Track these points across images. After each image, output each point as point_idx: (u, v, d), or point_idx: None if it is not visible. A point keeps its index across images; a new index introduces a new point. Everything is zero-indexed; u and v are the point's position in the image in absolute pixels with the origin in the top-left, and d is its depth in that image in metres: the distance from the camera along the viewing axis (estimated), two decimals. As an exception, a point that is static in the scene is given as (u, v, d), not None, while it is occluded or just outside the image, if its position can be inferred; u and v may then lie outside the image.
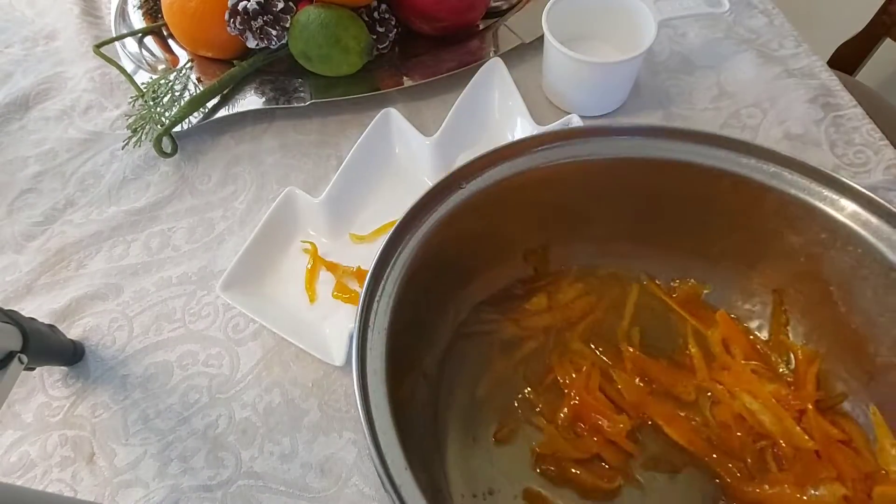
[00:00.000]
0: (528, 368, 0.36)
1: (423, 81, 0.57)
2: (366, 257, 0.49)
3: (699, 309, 0.37)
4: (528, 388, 0.35)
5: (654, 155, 0.33)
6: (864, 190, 0.30)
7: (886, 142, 0.50)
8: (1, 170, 0.60)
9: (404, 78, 0.58)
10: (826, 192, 0.31)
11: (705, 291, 0.37)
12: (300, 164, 0.56)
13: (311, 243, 0.49)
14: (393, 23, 0.58)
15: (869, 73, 0.86)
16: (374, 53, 0.57)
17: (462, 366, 0.36)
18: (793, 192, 0.31)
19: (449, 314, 0.36)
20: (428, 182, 0.52)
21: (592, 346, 0.36)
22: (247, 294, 0.47)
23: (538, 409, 0.35)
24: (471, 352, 0.36)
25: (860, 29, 0.83)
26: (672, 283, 0.38)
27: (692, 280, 0.37)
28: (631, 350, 0.36)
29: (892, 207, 0.29)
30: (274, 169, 0.56)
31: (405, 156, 0.54)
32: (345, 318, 0.46)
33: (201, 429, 0.44)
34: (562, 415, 0.34)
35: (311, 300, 0.48)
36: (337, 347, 0.44)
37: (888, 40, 0.82)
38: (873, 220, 0.29)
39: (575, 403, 0.34)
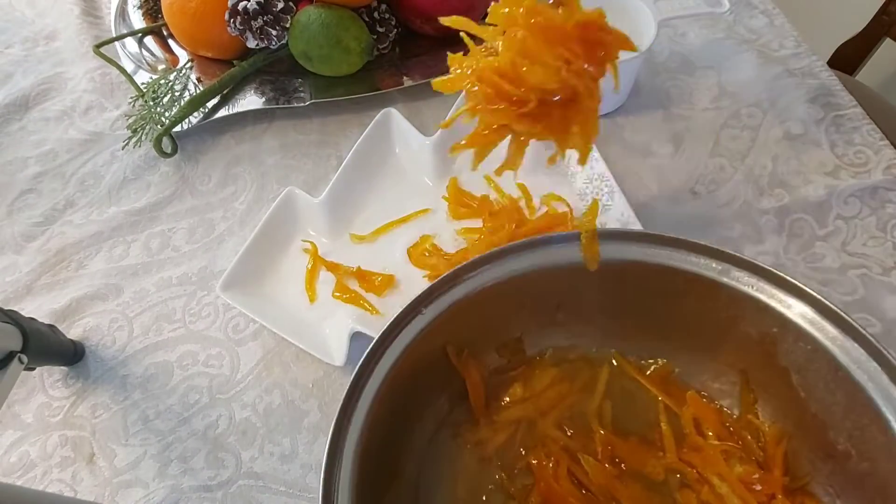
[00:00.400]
0: (503, 457, 0.37)
1: (423, 81, 0.57)
2: (366, 257, 0.49)
3: (671, 387, 0.38)
4: (503, 474, 0.36)
5: (611, 257, 0.35)
6: (811, 291, 0.31)
7: (886, 142, 0.50)
8: (1, 170, 0.60)
9: (404, 78, 0.58)
10: (775, 291, 0.32)
11: (676, 370, 0.38)
12: (300, 164, 0.56)
13: (311, 243, 0.49)
14: (393, 23, 0.58)
15: (869, 73, 0.86)
16: (374, 53, 0.57)
17: (440, 468, 0.36)
18: (743, 289, 0.33)
19: (424, 421, 0.37)
20: (429, 182, 0.52)
21: (565, 428, 0.37)
22: (247, 294, 0.47)
23: (511, 493, 0.36)
24: (447, 453, 0.37)
25: (860, 29, 0.83)
26: (642, 363, 0.39)
27: (662, 360, 0.38)
28: (601, 431, 0.36)
29: (839, 310, 0.30)
30: (274, 169, 0.56)
31: (405, 156, 0.54)
32: (345, 318, 0.46)
33: (201, 429, 0.44)
34: (532, 501, 0.35)
35: (311, 300, 0.48)
36: (337, 348, 0.44)
37: (888, 40, 0.82)
38: (820, 320, 0.31)
39: (544, 489, 0.35)
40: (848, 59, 0.85)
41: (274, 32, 0.55)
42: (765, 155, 0.51)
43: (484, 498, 0.35)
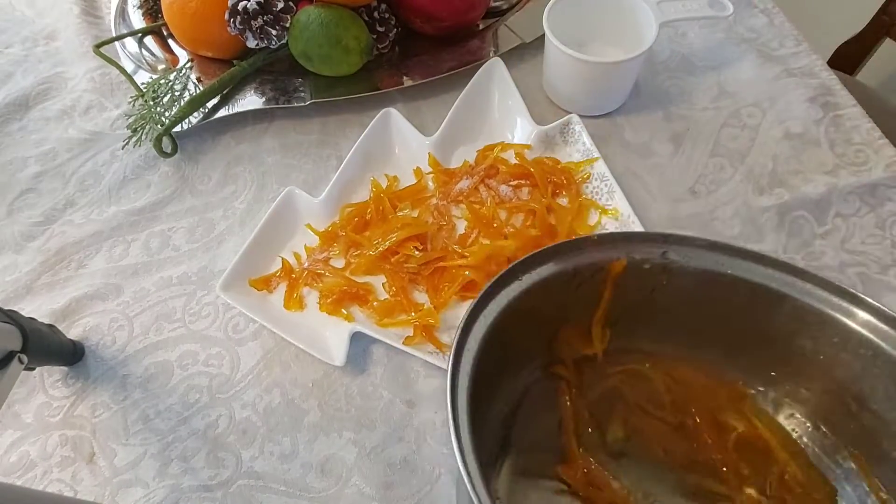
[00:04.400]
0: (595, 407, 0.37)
1: (423, 81, 0.57)
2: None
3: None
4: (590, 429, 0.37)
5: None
6: (873, 302, 0.31)
7: (886, 140, 0.50)
8: (1, 170, 0.60)
9: (404, 78, 0.58)
10: (837, 301, 0.33)
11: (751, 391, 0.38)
12: (300, 164, 0.56)
13: (283, 260, 0.49)
14: (393, 23, 0.58)
15: (869, 73, 0.87)
16: (374, 53, 0.57)
17: (534, 410, 0.37)
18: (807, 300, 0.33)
19: (527, 367, 0.38)
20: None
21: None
22: (247, 294, 0.47)
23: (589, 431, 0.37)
24: (543, 400, 0.38)
25: (860, 29, 0.83)
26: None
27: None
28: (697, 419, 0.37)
29: None
30: (274, 169, 0.56)
31: (405, 156, 0.54)
32: (344, 319, 0.46)
33: (201, 429, 0.44)
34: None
35: (300, 308, 0.48)
36: (337, 347, 0.44)
37: (888, 40, 0.82)
38: (883, 326, 0.31)
39: None
40: (848, 59, 0.85)
41: (274, 32, 0.55)
42: (765, 154, 0.51)
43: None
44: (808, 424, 0.36)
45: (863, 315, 0.32)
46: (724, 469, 0.36)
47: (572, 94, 0.54)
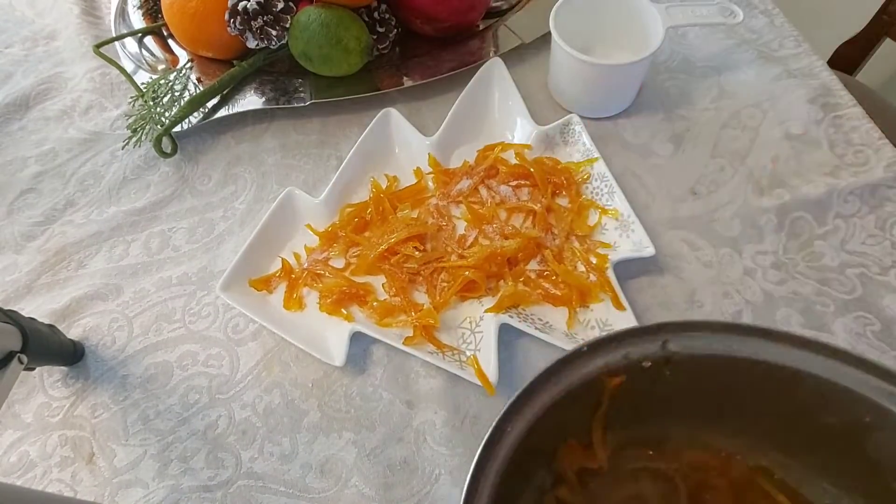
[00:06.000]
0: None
1: (423, 81, 0.57)
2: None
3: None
4: None
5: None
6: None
7: (886, 140, 0.50)
8: (1, 170, 0.60)
9: (404, 78, 0.58)
10: (864, 377, 0.30)
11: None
12: (300, 164, 0.56)
13: (283, 260, 0.49)
14: (393, 23, 0.58)
15: (869, 73, 0.86)
16: (374, 53, 0.57)
17: None
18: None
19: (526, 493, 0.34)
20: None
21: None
22: (247, 294, 0.47)
23: None
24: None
25: (860, 29, 0.83)
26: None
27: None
28: None
29: None
30: (274, 169, 0.56)
31: (405, 156, 0.54)
32: (344, 319, 0.46)
33: (201, 429, 0.44)
34: None
35: (300, 308, 0.47)
36: (337, 348, 0.44)
37: (888, 40, 0.82)
38: None
39: None
40: (848, 59, 0.85)
41: (274, 32, 0.55)
42: (765, 155, 0.51)
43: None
44: (844, 498, 0.32)
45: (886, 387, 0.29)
46: None
47: (577, 95, 0.54)
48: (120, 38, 0.63)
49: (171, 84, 0.58)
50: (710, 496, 0.35)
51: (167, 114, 0.56)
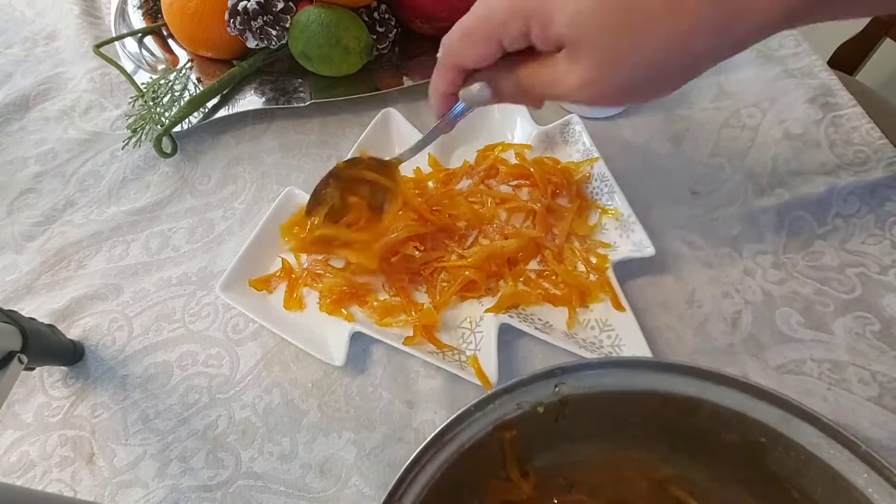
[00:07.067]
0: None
1: (423, 81, 0.57)
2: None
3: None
4: None
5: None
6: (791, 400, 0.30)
7: (886, 140, 0.50)
8: (1, 170, 0.60)
9: (404, 78, 0.58)
10: (754, 403, 0.31)
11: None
12: (300, 164, 0.56)
13: (283, 260, 0.49)
14: (393, 23, 0.58)
15: (869, 73, 0.86)
16: (374, 53, 0.58)
17: None
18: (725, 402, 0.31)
19: None
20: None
21: None
22: (246, 294, 0.47)
23: None
24: None
25: (860, 29, 0.83)
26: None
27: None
28: None
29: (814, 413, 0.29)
30: (274, 169, 0.56)
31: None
32: (344, 319, 0.46)
33: (201, 429, 0.44)
34: None
35: (300, 308, 0.47)
36: (337, 348, 0.44)
37: (888, 40, 0.82)
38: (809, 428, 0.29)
39: None
40: (848, 59, 0.85)
41: (274, 32, 0.55)
42: (765, 155, 0.51)
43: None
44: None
45: (786, 416, 0.29)
46: None
47: None
48: (120, 38, 0.63)
49: (171, 84, 0.58)
50: None
51: (167, 114, 0.57)
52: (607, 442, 0.35)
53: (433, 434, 0.30)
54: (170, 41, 0.64)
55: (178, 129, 0.57)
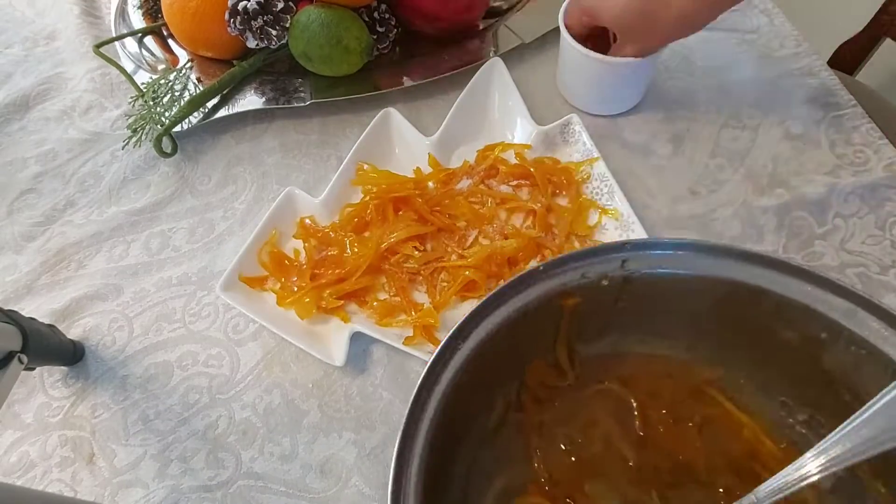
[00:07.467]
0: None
1: (423, 81, 0.57)
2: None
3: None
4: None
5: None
6: (860, 292, 0.29)
7: (886, 140, 0.50)
8: (1, 170, 0.60)
9: (404, 78, 0.58)
10: (821, 294, 0.30)
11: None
12: (300, 164, 0.56)
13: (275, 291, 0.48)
14: (393, 23, 0.58)
15: (869, 73, 0.86)
16: (374, 53, 0.57)
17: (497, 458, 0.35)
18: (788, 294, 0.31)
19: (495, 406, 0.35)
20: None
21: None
22: (247, 294, 0.47)
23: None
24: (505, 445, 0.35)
25: (860, 29, 0.83)
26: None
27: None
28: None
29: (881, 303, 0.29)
30: (274, 169, 0.56)
31: (405, 156, 0.54)
32: (344, 319, 0.46)
33: (201, 429, 0.44)
34: None
35: (300, 308, 0.47)
36: (337, 348, 0.44)
37: (888, 40, 0.82)
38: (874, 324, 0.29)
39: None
40: (848, 59, 0.85)
41: (274, 32, 0.55)
42: (765, 155, 0.51)
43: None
44: (800, 413, 0.33)
45: (853, 309, 0.29)
46: (702, 467, 0.34)
47: (584, 92, 0.54)
48: (120, 38, 0.63)
49: (171, 84, 0.58)
50: (662, 408, 0.35)
51: (167, 114, 0.56)
52: (659, 339, 0.34)
53: (499, 287, 0.30)
54: (170, 41, 0.64)
55: (178, 129, 0.56)
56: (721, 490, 0.33)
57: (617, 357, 0.35)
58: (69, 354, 0.47)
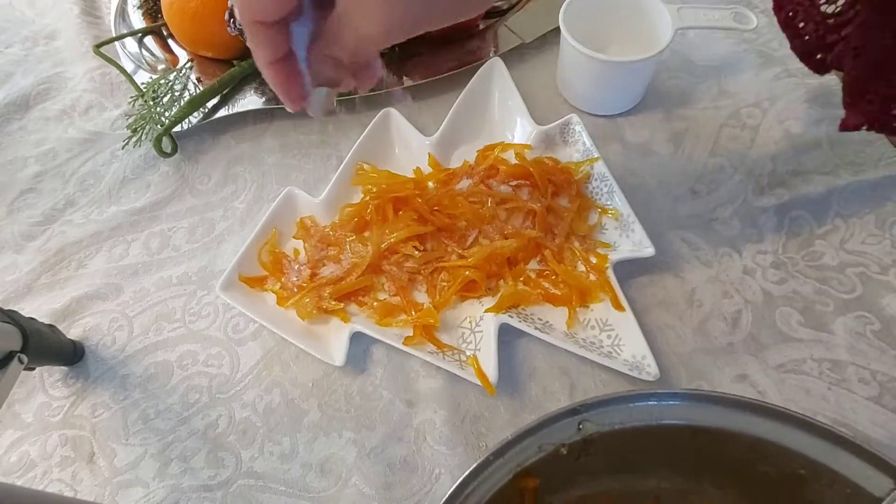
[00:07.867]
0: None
1: (423, 81, 0.57)
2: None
3: None
4: None
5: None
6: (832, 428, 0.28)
7: (885, 140, 0.50)
8: (1, 170, 0.60)
9: (404, 78, 0.58)
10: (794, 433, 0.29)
11: None
12: (300, 164, 0.56)
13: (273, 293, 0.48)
14: (393, 23, 0.58)
15: (869, 72, 0.86)
16: (374, 53, 0.57)
17: None
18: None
19: None
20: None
21: None
22: (247, 294, 0.47)
23: None
24: None
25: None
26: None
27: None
28: None
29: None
30: (274, 169, 0.56)
31: (405, 156, 0.54)
32: (344, 319, 0.46)
33: (201, 429, 0.44)
34: None
35: (300, 308, 0.47)
36: (337, 347, 0.44)
37: (888, 40, 0.82)
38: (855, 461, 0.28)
39: None
40: (847, 58, 0.85)
41: (274, 32, 0.55)
42: (765, 155, 0.51)
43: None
44: None
45: (832, 448, 0.28)
46: None
47: (588, 92, 0.54)
48: (120, 38, 0.63)
49: (171, 84, 0.58)
50: None
51: (167, 114, 0.57)
52: (631, 474, 0.33)
53: (451, 489, 0.28)
54: (170, 41, 0.64)
55: (178, 128, 0.57)
56: None
57: (591, 495, 0.34)
58: (69, 354, 0.47)
